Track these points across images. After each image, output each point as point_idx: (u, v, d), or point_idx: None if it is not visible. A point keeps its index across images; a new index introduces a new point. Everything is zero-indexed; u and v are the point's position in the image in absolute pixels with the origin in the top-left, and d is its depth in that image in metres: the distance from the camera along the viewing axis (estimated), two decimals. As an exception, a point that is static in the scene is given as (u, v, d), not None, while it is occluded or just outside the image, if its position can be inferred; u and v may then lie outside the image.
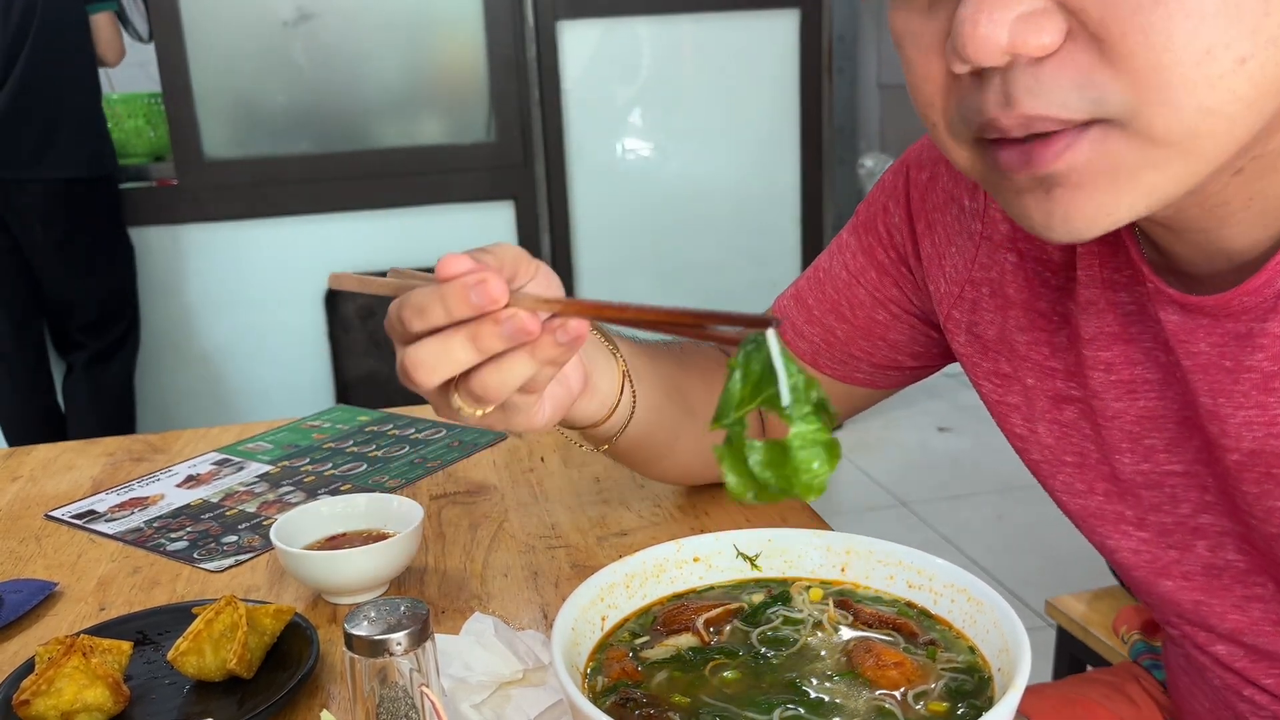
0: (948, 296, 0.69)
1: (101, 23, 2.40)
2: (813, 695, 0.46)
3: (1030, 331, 0.64)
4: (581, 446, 0.75)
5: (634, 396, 0.72)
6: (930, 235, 0.71)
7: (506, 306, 0.51)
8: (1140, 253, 0.56)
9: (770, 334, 0.44)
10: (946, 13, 0.45)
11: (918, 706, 0.45)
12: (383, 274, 0.62)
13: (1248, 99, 0.43)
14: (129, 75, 2.87)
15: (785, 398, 0.43)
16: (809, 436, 0.43)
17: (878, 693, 0.46)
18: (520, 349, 0.53)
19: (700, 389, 0.80)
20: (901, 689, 0.46)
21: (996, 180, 0.49)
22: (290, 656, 0.66)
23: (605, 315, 0.52)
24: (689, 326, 0.48)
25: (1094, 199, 0.46)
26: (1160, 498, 0.60)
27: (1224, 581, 0.59)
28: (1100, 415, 0.61)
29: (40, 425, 2.44)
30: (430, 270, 0.57)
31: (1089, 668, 1.24)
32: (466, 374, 0.54)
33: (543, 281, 0.60)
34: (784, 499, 0.44)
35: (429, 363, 0.53)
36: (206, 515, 0.92)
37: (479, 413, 0.57)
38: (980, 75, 0.45)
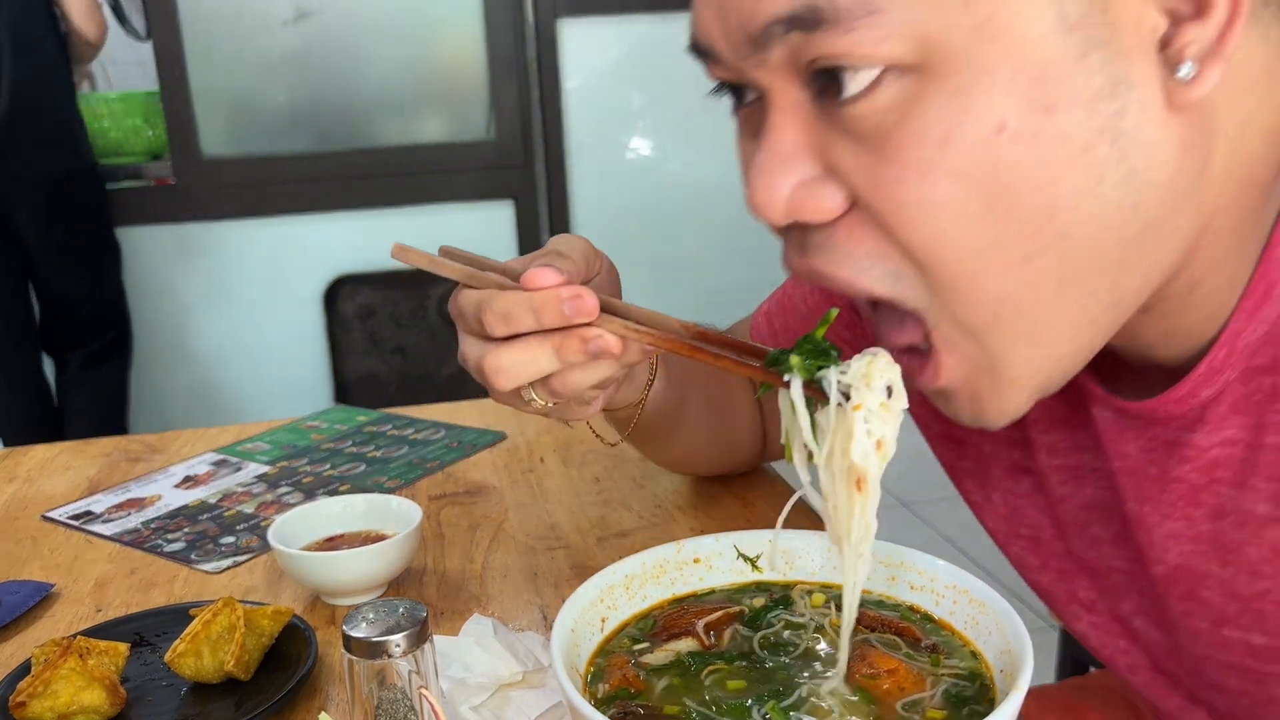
0: None
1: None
2: (810, 701, 0.46)
3: None
4: (598, 437, 0.75)
5: (653, 377, 0.71)
6: None
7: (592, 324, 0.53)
8: None
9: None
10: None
11: (918, 713, 0.45)
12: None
13: (1051, 287, 0.42)
14: (126, 73, 2.86)
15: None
16: None
17: (879, 698, 0.46)
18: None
19: (702, 374, 0.79)
20: (902, 693, 0.46)
21: None
22: (288, 658, 0.66)
23: (689, 353, 0.53)
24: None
25: (987, 403, 0.47)
26: (1109, 587, 0.58)
27: (1171, 679, 0.57)
28: (1049, 495, 0.60)
29: (37, 427, 2.43)
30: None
31: (1092, 669, 1.23)
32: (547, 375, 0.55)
33: (606, 275, 0.61)
34: None
35: (513, 370, 0.54)
36: (204, 516, 0.92)
37: (549, 404, 0.58)
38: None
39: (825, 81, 0.41)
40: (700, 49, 0.46)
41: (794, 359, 0.46)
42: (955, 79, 0.39)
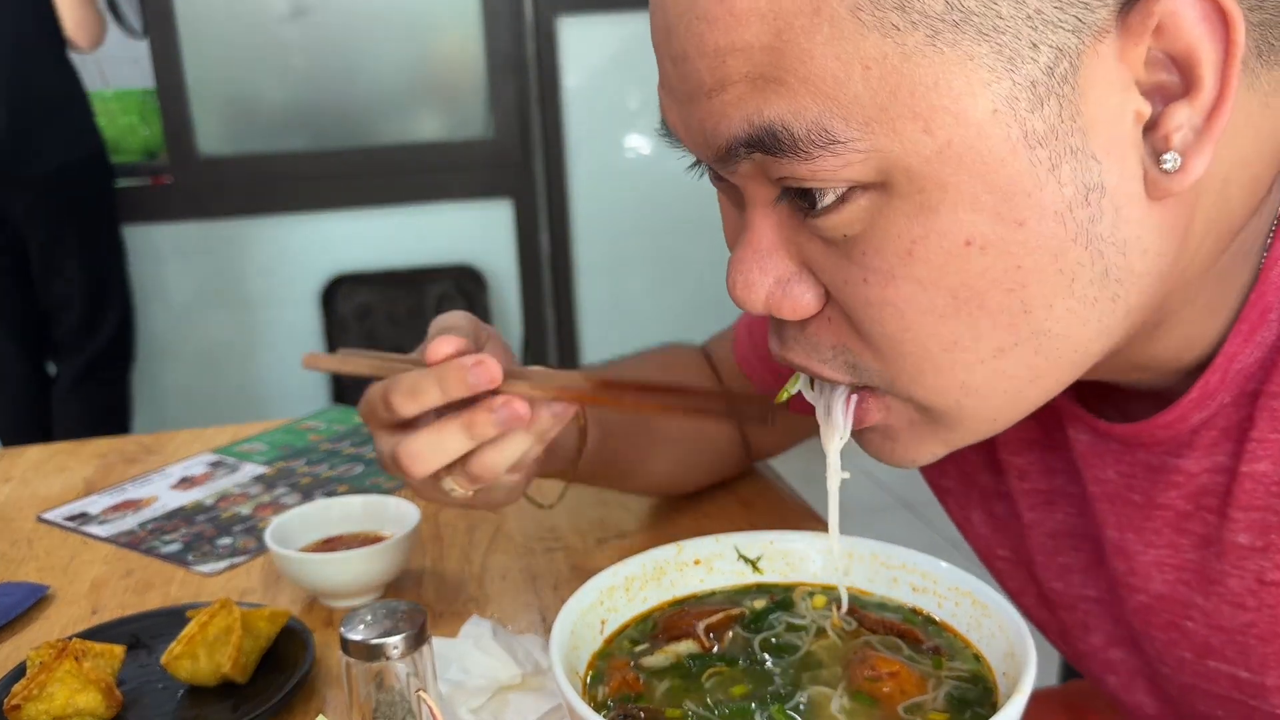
0: None
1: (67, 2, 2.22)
2: (812, 705, 0.45)
3: None
4: (534, 503, 0.73)
5: (584, 437, 0.69)
6: None
7: (497, 392, 0.54)
8: None
9: None
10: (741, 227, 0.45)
11: (921, 715, 0.44)
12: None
13: (1024, 377, 0.42)
14: (122, 71, 2.85)
15: None
16: None
17: (881, 701, 0.45)
18: (519, 429, 0.55)
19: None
20: (904, 696, 0.45)
21: None
22: (286, 661, 0.65)
23: (599, 402, 0.55)
24: (700, 411, 0.51)
25: (903, 446, 0.47)
26: (1074, 621, 0.57)
27: (1161, 700, 0.56)
28: (1019, 521, 0.59)
29: (34, 430, 2.41)
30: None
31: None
32: (463, 457, 0.56)
33: (495, 343, 0.61)
34: None
35: (424, 454, 0.55)
36: (201, 517, 0.91)
37: (471, 492, 0.58)
38: None
39: (794, 193, 0.41)
40: (671, 134, 0.46)
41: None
42: (919, 197, 0.38)
